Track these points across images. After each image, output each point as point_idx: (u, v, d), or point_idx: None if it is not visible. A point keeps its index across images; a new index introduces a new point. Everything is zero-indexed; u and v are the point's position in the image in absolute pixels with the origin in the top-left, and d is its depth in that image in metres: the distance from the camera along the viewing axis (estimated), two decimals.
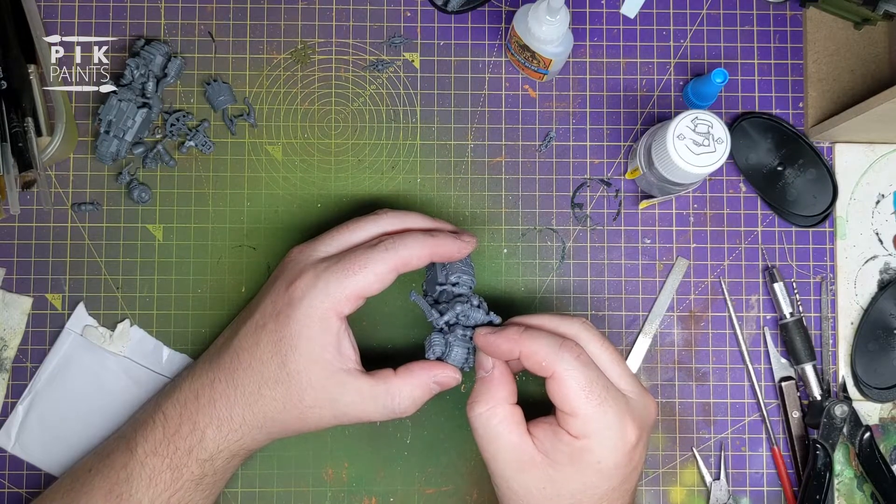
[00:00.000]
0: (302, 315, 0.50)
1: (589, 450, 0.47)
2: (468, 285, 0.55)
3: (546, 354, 0.48)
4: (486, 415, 0.49)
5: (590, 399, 0.47)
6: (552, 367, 0.47)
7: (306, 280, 0.51)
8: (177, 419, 0.52)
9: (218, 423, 0.51)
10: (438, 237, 0.52)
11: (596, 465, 0.47)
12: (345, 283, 0.50)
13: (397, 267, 0.51)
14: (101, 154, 0.59)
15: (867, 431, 0.59)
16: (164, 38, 0.62)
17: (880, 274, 0.61)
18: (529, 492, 0.48)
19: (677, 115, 0.52)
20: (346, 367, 0.51)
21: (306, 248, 0.53)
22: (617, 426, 0.47)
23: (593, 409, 0.47)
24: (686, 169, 0.52)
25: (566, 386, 0.47)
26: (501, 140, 0.62)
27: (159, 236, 0.61)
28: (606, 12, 0.63)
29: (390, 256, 0.50)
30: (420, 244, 0.51)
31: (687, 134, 0.52)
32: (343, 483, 0.60)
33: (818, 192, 0.61)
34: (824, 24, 0.62)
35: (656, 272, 0.61)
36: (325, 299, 0.50)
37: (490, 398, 0.50)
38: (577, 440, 0.47)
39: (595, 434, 0.47)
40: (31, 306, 0.60)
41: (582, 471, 0.47)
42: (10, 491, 0.59)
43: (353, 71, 0.62)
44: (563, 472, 0.47)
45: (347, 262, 0.50)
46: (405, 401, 0.52)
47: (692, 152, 0.52)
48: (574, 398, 0.47)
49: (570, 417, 0.47)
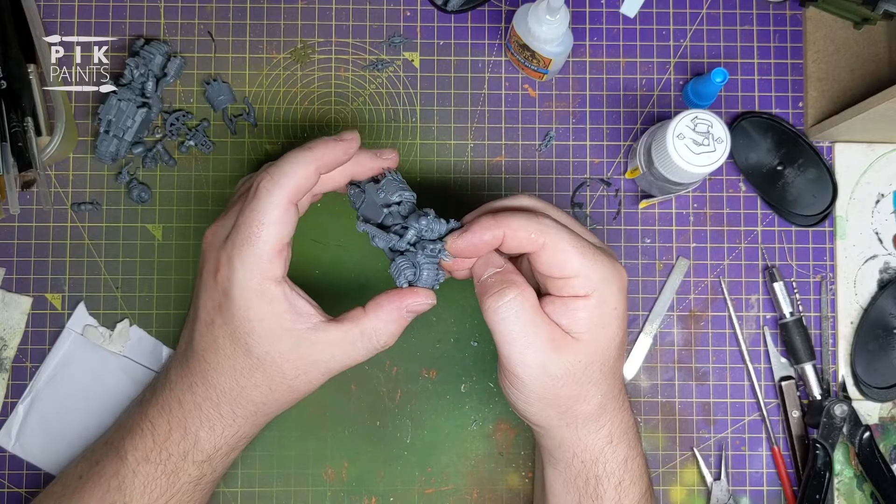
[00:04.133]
0: (239, 299, 0.47)
1: (604, 301, 0.47)
2: (411, 201, 0.51)
3: (532, 227, 0.47)
4: (519, 299, 0.46)
5: (585, 255, 0.47)
6: (541, 238, 0.46)
7: (224, 264, 0.48)
8: (165, 426, 0.51)
9: (210, 423, 0.50)
10: (314, 145, 0.48)
11: (613, 313, 0.47)
12: (254, 249, 0.47)
13: (291, 198, 0.47)
14: (101, 154, 0.59)
15: (867, 431, 0.59)
16: (163, 38, 0.62)
17: (880, 273, 0.61)
18: (567, 371, 0.47)
19: (677, 114, 0.52)
20: (311, 325, 0.48)
21: (217, 229, 0.50)
22: (612, 269, 0.47)
23: (590, 262, 0.47)
24: (686, 168, 0.52)
25: (561, 250, 0.46)
26: (501, 140, 0.62)
27: (159, 236, 0.61)
28: (606, 12, 0.63)
29: (276, 193, 0.47)
30: (297, 162, 0.47)
31: (687, 133, 0.52)
32: (343, 483, 0.60)
33: (818, 192, 0.61)
34: (824, 24, 0.62)
35: (656, 272, 0.61)
36: (250, 274, 0.47)
37: (517, 284, 0.47)
38: (588, 299, 0.47)
39: (601, 284, 0.47)
40: (30, 306, 0.60)
41: (606, 325, 0.47)
42: (9, 491, 0.59)
43: (353, 70, 0.62)
44: (593, 337, 0.47)
45: (242, 227, 0.47)
46: (382, 337, 0.50)
47: (692, 152, 0.52)
48: (573, 259, 0.46)
49: (573, 280, 0.47)
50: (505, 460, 0.60)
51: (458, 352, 0.61)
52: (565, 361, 0.47)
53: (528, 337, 0.46)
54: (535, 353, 0.46)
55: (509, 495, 0.60)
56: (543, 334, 0.47)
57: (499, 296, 0.47)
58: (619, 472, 0.49)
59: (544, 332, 0.47)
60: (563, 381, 0.47)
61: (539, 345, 0.46)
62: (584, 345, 0.47)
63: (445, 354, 0.61)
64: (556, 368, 0.47)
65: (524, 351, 0.46)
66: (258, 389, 0.50)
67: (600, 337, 0.47)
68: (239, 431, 0.51)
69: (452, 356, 0.61)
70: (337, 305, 0.50)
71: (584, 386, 0.48)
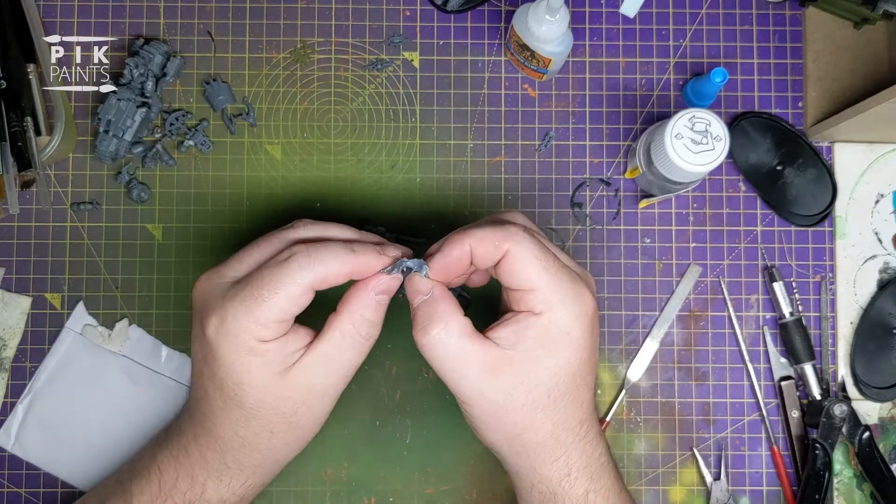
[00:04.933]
0: (225, 354, 0.45)
1: (555, 322, 0.45)
2: None
3: (497, 235, 0.46)
4: (442, 334, 0.46)
5: (547, 269, 0.45)
6: (504, 245, 0.45)
7: (216, 316, 0.45)
8: (173, 473, 0.49)
9: (217, 474, 0.49)
10: (359, 251, 0.47)
11: (566, 338, 0.46)
12: (255, 312, 0.44)
13: (314, 285, 0.45)
14: (101, 153, 0.59)
15: (866, 431, 0.59)
16: (163, 38, 0.62)
17: (879, 273, 0.61)
18: (507, 395, 0.46)
19: (675, 114, 0.52)
20: (300, 356, 0.47)
21: (213, 275, 0.48)
22: (575, 293, 0.46)
23: (550, 278, 0.45)
24: (684, 167, 0.52)
25: (521, 259, 0.45)
26: (501, 140, 0.62)
27: (158, 236, 0.61)
28: (606, 12, 0.63)
29: (305, 275, 0.45)
30: (338, 259, 0.46)
31: (685, 133, 0.52)
32: (343, 483, 0.60)
33: (817, 192, 0.61)
34: (824, 24, 0.62)
35: (656, 272, 0.61)
36: (241, 332, 0.45)
37: (440, 317, 0.46)
38: (541, 317, 0.45)
39: (557, 304, 0.45)
40: (30, 306, 0.60)
41: (553, 348, 0.46)
42: (9, 491, 0.59)
43: (353, 70, 0.62)
44: (535, 358, 0.46)
45: (255, 285, 0.45)
46: (362, 328, 0.47)
47: (690, 151, 0.52)
48: (531, 270, 0.45)
49: (529, 294, 0.46)
50: None
51: None
52: (503, 384, 0.46)
53: (459, 368, 0.46)
54: (470, 381, 0.46)
55: (509, 495, 0.60)
56: (475, 361, 0.46)
57: (423, 332, 0.46)
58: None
59: (476, 359, 0.46)
60: (504, 406, 0.46)
61: (473, 373, 0.46)
62: (522, 366, 0.46)
63: None
64: (493, 393, 0.46)
65: (459, 381, 0.46)
66: (259, 437, 0.48)
67: (544, 360, 0.46)
68: (247, 482, 0.50)
69: None
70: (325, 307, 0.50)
71: (532, 412, 0.46)
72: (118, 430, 0.59)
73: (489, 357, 0.46)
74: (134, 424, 0.59)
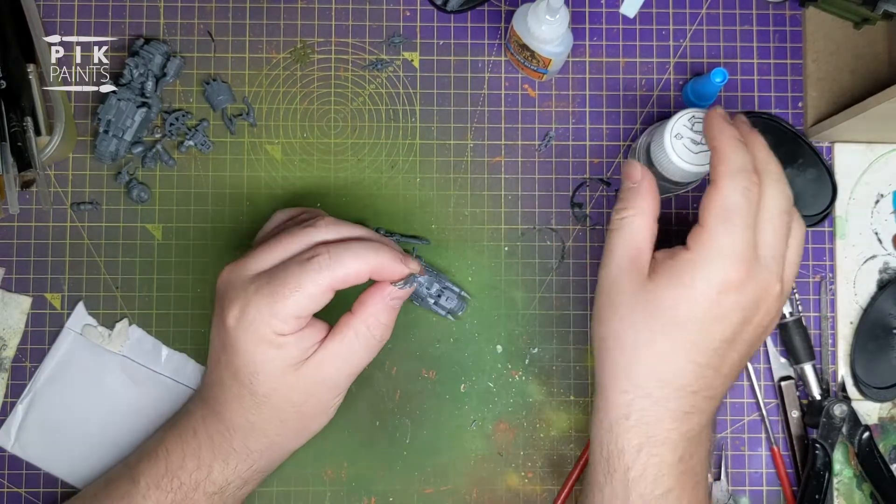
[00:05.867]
0: (244, 344, 0.47)
1: (692, 262, 0.45)
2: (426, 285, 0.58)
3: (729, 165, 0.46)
4: (630, 219, 0.48)
5: (726, 221, 0.45)
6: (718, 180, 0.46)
7: (238, 306, 0.47)
8: (180, 454, 0.51)
9: (223, 456, 0.50)
10: (381, 252, 0.49)
11: (689, 283, 0.45)
12: (275, 307, 0.46)
13: (333, 286, 0.47)
14: (101, 153, 0.59)
15: (866, 431, 0.59)
16: (163, 38, 0.62)
17: (879, 273, 0.61)
18: (621, 298, 0.47)
19: (675, 114, 0.52)
20: (314, 351, 0.49)
21: (237, 267, 0.49)
22: (728, 255, 0.45)
23: (718, 227, 0.45)
24: (685, 168, 0.52)
25: (712, 197, 0.46)
26: (501, 140, 0.62)
27: (158, 236, 0.61)
28: (606, 12, 0.63)
29: (325, 276, 0.47)
30: (359, 259, 0.48)
31: (685, 133, 0.52)
32: (342, 483, 0.60)
33: (817, 192, 0.61)
34: (824, 24, 0.62)
35: None
36: (262, 325, 0.47)
37: (638, 205, 0.48)
38: (686, 252, 0.46)
39: (703, 250, 0.45)
40: (30, 306, 0.60)
41: (673, 285, 0.46)
42: (9, 491, 0.59)
43: (353, 70, 0.62)
44: (656, 284, 0.46)
45: (278, 282, 0.47)
46: (376, 331, 0.50)
47: (690, 151, 0.52)
48: (711, 209, 0.45)
49: (696, 229, 0.46)
50: (504, 460, 0.60)
51: (457, 352, 0.61)
52: (627, 285, 0.47)
53: (618, 249, 0.48)
54: (614, 260, 0.48)
55: (508, 495, 0.60)
56: (627, 251, 0.48)
57: (617, 209, 0.49)
58: (629, 457, 0.47)
59: (630, 249, 0.48)
60: (619, 307, 0.47)
61: (618, 255, 0.48)
62: (648, 285, 0.46)
63: (445, 354, 0.61)
64: (618, 289, 0.47)
65: (601, 269, 0.49)
66: (269, 423, 0.50)
67: (662, 295, 0.46)
68: (254, 465, 0.51)
69: (452, 356, 0.61)
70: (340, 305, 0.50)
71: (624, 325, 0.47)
72: (118, 430, 0.59)
73: (639, 260, 0.48)
74: (134, 424, 0.59)
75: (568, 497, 0.59)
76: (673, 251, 0.47)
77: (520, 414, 0.60)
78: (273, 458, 0.52)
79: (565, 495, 0.59)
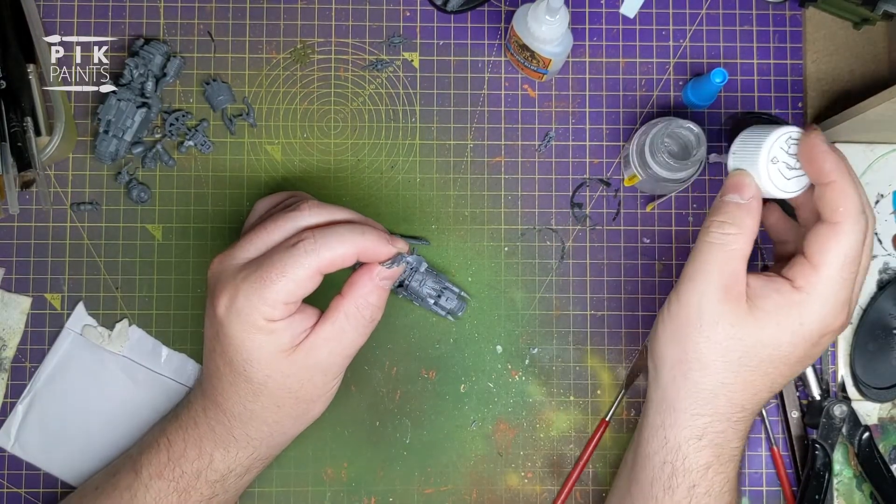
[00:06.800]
0: (236, 332, 0.47)
1: (803, 305, 0.45)
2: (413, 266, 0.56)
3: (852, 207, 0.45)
4: (734, 237, 0.46)
5: (845, 269, 0.44)
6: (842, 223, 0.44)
7: (227, 295, 0.47)
8: (181, 444, 0.51)
9: (224, 445, 0.51)
10: (366, 233, 0.49)
11: (797, 326, 0.45)
12: (264, 293, 0.46)
13: (320, 269, 0.47)
14: (101, 154, 0.59)
15: (866, 431, 0.59)
16: (163, 38, 0.62)
17: (879, 274, 0.61)
18: (716, 325, 0.46)
19: (771, 131, 0.48)
20: (305, 335, 0.49)
21: (225, 257, 0.50)
22: (839, 303, 0.45)
23: (837, 273, 0.44)
24: (776, 196, 0.48)
25: (833, 239, 0.44)
26: (501, 140, 0.62)
27: (158, 236, 0.61)
28: (606, 12, 0.63)
29: (311, 260, 0.47)
30: (344, 242, 0.48)
31: (780, 156, 0.48)
32: (342, 483, 0.60)
33: None
34: (824, 24, 0.62)
35: (656, 272, 0.61)
36: (251, 312, 0.47)
37: (744, 224, 0.46)
38: (796, 292, 0.45)
39: (818, 295, 0.45)
40: (30, 306, 0.60)
41: (780, 324, 0.45)
42: (9, 491, 0.59)
43: (353, 70, 0.62)
44: (759, 318, 0.46)
45: (265, 269, 0.47)
46: (366, 311, 0.50)
47: (784, 177, 0.48)
48: (832, 252, 0.44)
49: (807, 267, 0.45)
50: (504, 460, 0.60)
51: (457, 352, 0.61)
52: (721, 313, 0.46)
53: (708, 266, 0.46)
54: (703, 278, 0.46)
55: (508, 495, 0.60)
56: (722, 271, 0.46)
57: (719, 224, 0.47)
58: (696, 475, 0.48)
59: (724, 270, 0.46)
60: (707, 330, 0.46)
61: (711, 276, 0.46)
62: (747, 317, 0.46)
63: (445, 354, 0.61)
64: (708, 314, 0.46)
65: (696, 273, 0.47)
66: (267, 410, 0.50)
67: (765, 330, 0.45)
68: (254, 453, 0.52)
69: (452, 356, 0.61)
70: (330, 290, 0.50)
71: (714, 352, 0.46)
72: (118, 430, 0.59)
73: (734, 282, 0.46)
74: (134, 425, 0.59)
75: (568, 497, 0.59)
76: (776, 284, 0.46)
77: (520, 414, 0.60)
78: (274, 444, 0.53)
79: (565, 495, 0.59)
